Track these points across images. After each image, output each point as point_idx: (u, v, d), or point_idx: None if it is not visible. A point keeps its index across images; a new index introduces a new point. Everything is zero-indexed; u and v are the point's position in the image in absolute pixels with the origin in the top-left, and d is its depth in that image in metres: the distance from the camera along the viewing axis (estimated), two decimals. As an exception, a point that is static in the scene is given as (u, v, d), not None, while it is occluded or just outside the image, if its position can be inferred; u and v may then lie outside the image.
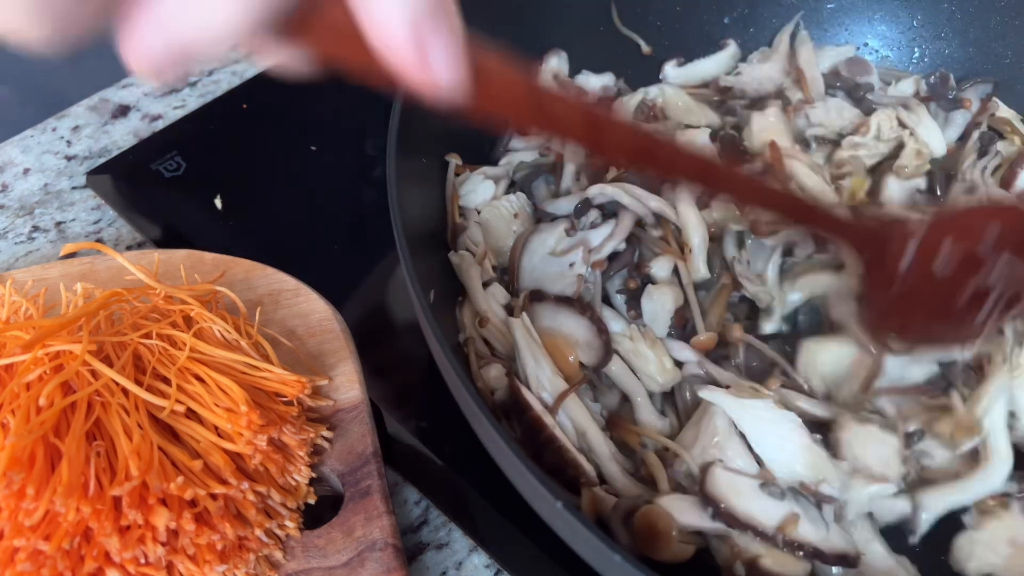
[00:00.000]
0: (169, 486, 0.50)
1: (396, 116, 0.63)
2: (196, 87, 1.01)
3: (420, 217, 0.69)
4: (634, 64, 0.92)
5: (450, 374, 0.52)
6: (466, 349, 0.67)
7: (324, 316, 0.68)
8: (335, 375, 0.65)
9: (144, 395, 0.54)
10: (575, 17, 0.87)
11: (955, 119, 0.86)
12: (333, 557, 0.56)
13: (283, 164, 0.91)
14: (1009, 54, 0.89)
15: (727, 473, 0.57)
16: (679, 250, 0.70)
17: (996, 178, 0.81)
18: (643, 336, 0.67)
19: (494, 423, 0.47)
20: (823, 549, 0.55)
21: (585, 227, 0.73)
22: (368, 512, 0.58)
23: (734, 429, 0.59)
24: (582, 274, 0.68)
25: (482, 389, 0.64)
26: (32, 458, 0.49)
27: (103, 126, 0.96)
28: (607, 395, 0.67)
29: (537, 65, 0.84)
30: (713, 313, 0.69)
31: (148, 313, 0.61)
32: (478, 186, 0.76)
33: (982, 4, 0.88)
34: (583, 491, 0.59)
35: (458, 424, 0.56)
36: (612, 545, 0.43)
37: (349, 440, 0.62)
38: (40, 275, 0.69)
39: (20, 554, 0.47)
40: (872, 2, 0.93)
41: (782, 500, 0.56)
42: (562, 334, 0.65)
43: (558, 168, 0.79)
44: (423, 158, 0.72)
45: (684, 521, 0.55)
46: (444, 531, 0.65)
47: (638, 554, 0.56)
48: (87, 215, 0.86)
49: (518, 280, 0.70)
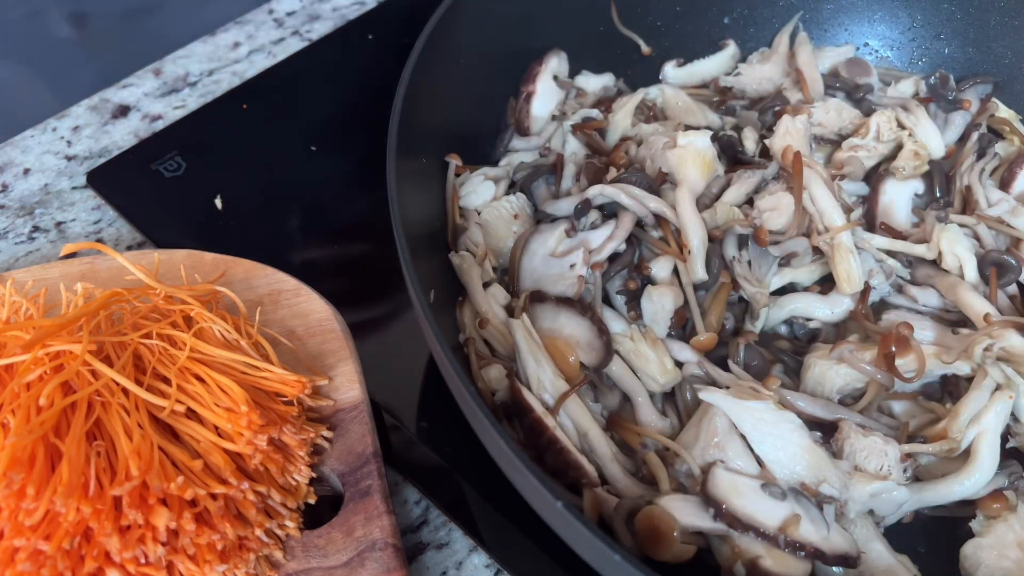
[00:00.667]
0: (169, 486, 0.50)
1: (396, 116, 0.63)
2: (196, 87, 1.01)
3: (420, 217, 0.69)
4: (634, 64, 0.92)
5: (450, 374, 0.52)
6: (466, 349, 0.67)
7: (324, 316, 0.68)
8: (335, 375, 0.65)
9: (144, 395, 0.54)
10: (575, 17, 0.87)
11: (954, 120, 0.86)
12: (333, 557, 0.56)
13: (283, 164, 0.91)
14: (1009, 54, 0.89)
15: (728, 474, 0.57)
16: (679, 250, 0.70)
17: (995, 179, 0.81)
18: (644, 337, 0.67)
19: (494, 423, 0.47)
20: (824, 550, 0.55)
21: (585, 228, 0.73)
22: (368, 512, 0.58)
23: (734, 429, 0.59)
24: (583, 275, 0.68)
25: (482, 390, 0.64)
26: (32, 458, 0.49)
27: (103, 126, 0.96)
28: (608, 395, 0.67)
29: (537, 65, 0.84)
30: (713, 313, 0.69)
31: (148, 313, 0.61)
32: (478, 187, 0.76)
33: (982, 4, 0.88)
34: (585, 492, 0.59)
35: (458, 424, 0.56)
36: (612, 545, 0.43)
37: (349, 440, 0.62)
38: (40, 275, 0.69)
39: (20, 554, 0.47)
40: (872, 2, 0.93)
41: (783, 501, 0.56)
42: (563, 335, 0.65)
43: (558, 169, 0.79)
44: (423, 158, 0.72)
45: (686, 522, 0.55)
46: (444, 531, 0.65)
47: (639, 554, 0.56)
48: (87, 215, 0.86)
49: (518, 281, 0.70)
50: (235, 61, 1.04)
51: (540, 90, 0.84)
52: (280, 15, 1.11)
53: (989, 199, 0.77)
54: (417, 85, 0.66)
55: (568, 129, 0.84)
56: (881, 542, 0.59)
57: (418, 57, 0.67)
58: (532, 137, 0.84)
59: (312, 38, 1.08)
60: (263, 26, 1.09)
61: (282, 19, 1.11)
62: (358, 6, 1.13)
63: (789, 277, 0.74)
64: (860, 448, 0.61)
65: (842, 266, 0.70)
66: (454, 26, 0.72)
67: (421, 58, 0.67)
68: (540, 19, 0.84)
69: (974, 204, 0.77)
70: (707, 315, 0.69)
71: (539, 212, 0.75)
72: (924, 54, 0.93)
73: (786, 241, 0.71)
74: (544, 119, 0.85)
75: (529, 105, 0.83)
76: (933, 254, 0.73)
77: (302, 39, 1.08)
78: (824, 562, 0.55)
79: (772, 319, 0.72)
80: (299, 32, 1.09)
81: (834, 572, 0.57)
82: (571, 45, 0.87)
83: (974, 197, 0.77)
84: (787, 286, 0.74)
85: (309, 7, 1.13)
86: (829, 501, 0.57)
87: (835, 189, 0.74)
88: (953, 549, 0.60)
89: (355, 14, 1.11)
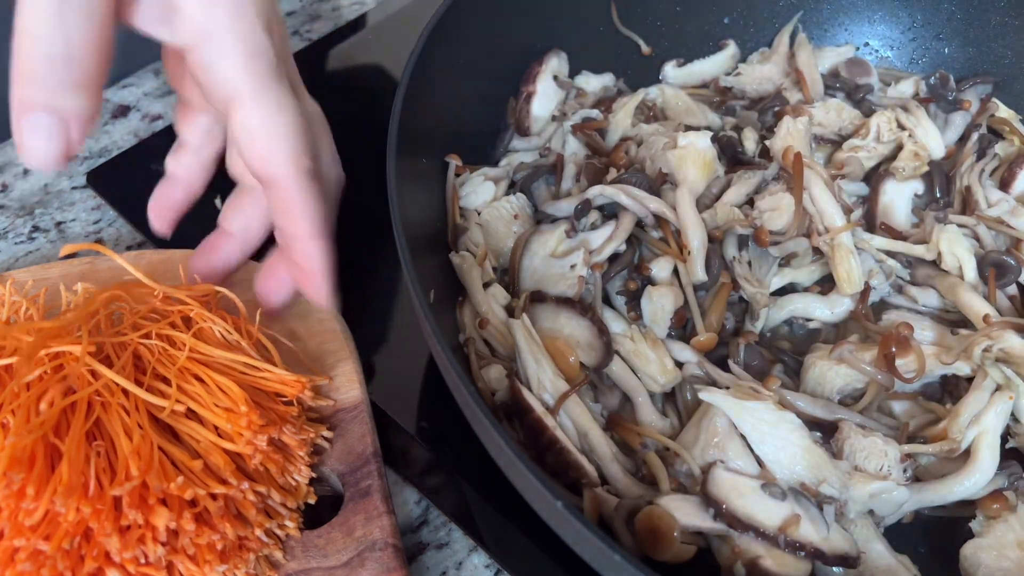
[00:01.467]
0: (169, 486, 0.50)
1: (396, 116, 0.63)
2: (196, 87, 1.01)
3: (420, 217, 0.69)
4: (634, 64, 0.92)
5: (450, 374, 0.52)
6: (466, 349, 0.67)
7: (324, 316, 0.68)
8: (335, 375, 0.65)
9: (144, 395, 0.54)
10: (575, 17, 0.87)
11: (954, 121, 0.86)
12: (333, 557, 0.56)
13: (283, 164, 0.90)
14: (1009, 54, 0.89)
15: (728, 474, 0.57)
16: (679, 251, 0.70)
17: (995, 179, 0.81)
18: (644, 337, 0.67)
19: (495, 423, 0.47)
20: (824, 550, 0.55)
21: (585, 228, 0.73)
22: (368, 512, 0.58)
23: (734, 429, 0.59)
24: (583, 275, 0.68)
25: (482, 390, 0.64)
26: (32, 458, 0.49)
27: (103, 126, 0.96)
28: (608, 396, 0.67)
29: (537, 65, 0.84)
30: (713, 313, 0.69)
31: (148, 313, 0.61)
32: (478, 187, 0.76)
33: (982, 4, 0.88)
34: (585, 492, 0.59)
35: (458, 424, 0.56)
36: (612, 545, 0.43)
37: (349, 440, 0.62)
38: (40, 275, 0.69)
39: (20, 554, 0.47)
40: (872, 2, 0.93)
41: (783, 501, 0.56)
42: (563, 335, 0.65)
43: (558, 169, 0.79)
44: (423, 158, 0.72)
45: (686, 522, 0.55)
46: (444, 531, 0.65)
47: (639, 554, 0.56)
48: (87, 215, 0.86)
49: (518, 281, 0.70)
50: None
51: (540, 90, 0.84)
52: (280, 15, 1.11)
53: (989, 199, 0.77)
54: (417, 85, 0.66)
55: (568, 129, 0.84)
56: (881, 542, 0.59)
57: (418, 57, 0.67)
58: (532, 137, 0.84)
59: (312, 38, 1.08)
60: (263, 26, 1.09)
61: (282, 19, 1.11)
62: (358, 6, 1.13)
63: (789, 277, 0.74)
64: (860, 448, 0.61)
65: (842, 266, 0.70)
66: (454, 26, 0.72)
67: (421, 58, 0.67)
68: (540, 19, 0.84)
69: (974, 204, 0.77)
70: (707, 315, 0.69)
71: (539, 212, 0.75)
72: (924, 54, 0.93)
73: (786, 241, 0.71)
74: (544, 119, 0.85)
75: (529, 105, 0.84)
76: (933, 254, 0.73)
77: (302, 39, 1.08)
78: (824, 562, 0.55)
79: (772, 319, 0.73)
80: (299, 32, 1.09)
81: (834, 572, 0.57)
82: (571, 45, 0.87)
83: (974, 197, 0.77)
84: (787, 286, 0.74)
85: (309, 7, 1.13)
86: (829, 501, 0.58)
87: (835, 189, 0.74)
88: (953, 549, 0.60)
89: (355, 14, 1.11)
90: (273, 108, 0.53)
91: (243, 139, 0.53)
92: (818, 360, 0.66)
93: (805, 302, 0.73)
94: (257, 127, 0.53)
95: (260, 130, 0.53)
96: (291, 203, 0.55)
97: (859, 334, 0.70)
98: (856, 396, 0.66)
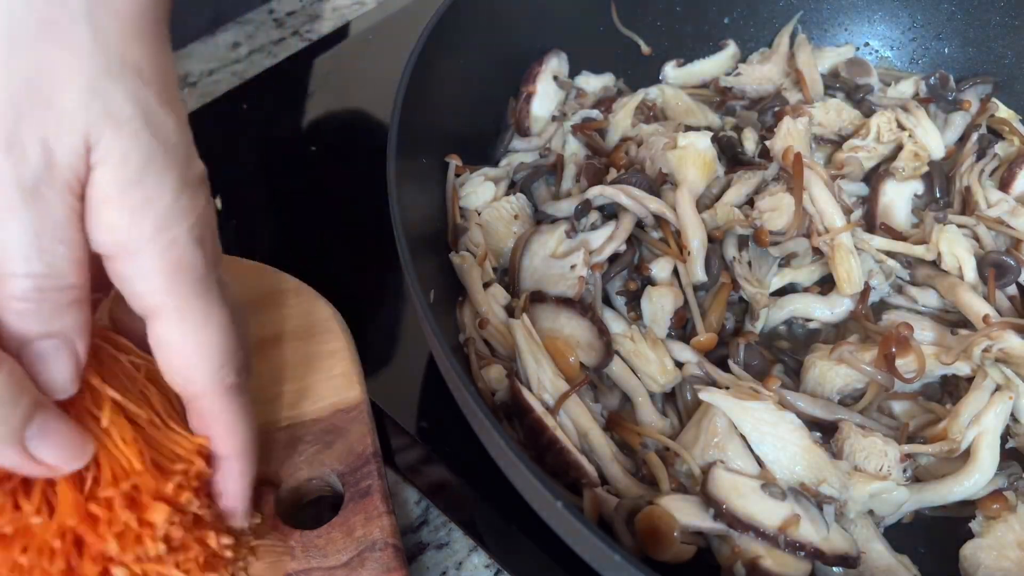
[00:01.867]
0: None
1: (396, 116, 0.63)
2: (196, 87, 1.01)
3: (421, 218, 0.69)
4: (634, 64, 0.92)
5: (450, 374, 0.52)
6: (466, 349, 0.67)
7: (324, 316, 0.68)
8: (335, 375, 0.65)
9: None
10: (575, 17, 0.87)
11: (954, 121, 0.86)
12: (333, 557, 0.56)
13: (283, 164, 0.91)
14: (1009, 54, 0.89)
15: (728, 474, 0.57)
16: (679, 251, 0.70)
17: (995, 179, 0.81)
18: (644, 337, 0.67)
19: (494, 423, 0.47)
20: (824, 550, 0.55)
21: (585, 229, 0.73)
22: (368, 512, 0.58)
23: (734, 429, 0.59)
24: (583, 276, 0.68)
25: (482, 389, 0.64)
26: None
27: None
28: (608, 396, 0.67)
29: (537, 65, 0.84)
30: (713, 313, 0.69)
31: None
32: (478, 187, 0.76)
33: (982, 4, 0.88)
34: (585, 492, 0.59)
35: (458, 424, 0.56)
36: (612, 545, 0.43)
37: (349, 440, 0.62)
38: None
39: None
40: (872, 2, 0.93)
41: (783, 501, 0.56)
42: (563, 335, 0.66)
43: (558, 169, 0.79)
44: (423, 158, 0.72)
45: (686, 522, 0.55)
46: (444, 531, 0.65)
47: (639, 554, 0.56)
48: None
49: (518, 281, 0.70)
50: (235, 61, 1.04)
51: (540, 90, 0.84)
52: (280, 15, 1.11)
53: (989, 200, 0.77)
54: (417, 85, 0.66)
55: (568, 129, 0.84)
56: (881, 542, 0.59)
57: (418, 57, 0.67)
58: (532, 138, 0.84)
59: (312, 38, 1.08)
60: (263, 26, 1.09)
61: (282, 19, 1.11)
62: (358, 6, 1.13)
63: (789, 277, 0.74)
64: (860, 448, 0.61)
65: (842, 267, 0.71)
66: (454, 26, 0.72)
67: (421, 58, 0.67)
68: (540, 19, 0.84)
69: (974, 205, 0.77)
70: (707, 315, 0.69)
71: (539, 213, 0.75)
72: (924, 54, 0.93)
73: (786, 242, 0.71)
74: (544, 119, 0.85)
75: (529, 105, 0.84)
76: (932, 255, 0.73)
77: (302, 39, 1.08)
78: (824, 562, 0.55)
79: (772, 319, 0.73)
80: (299, 32, 1.09)
81: (834, 572, 0.57)
82: (571, 45, 0.87)
83: (974, 198, 0.77)
84: (787, 286, 0.74)
85: (309, 7, 1.13)
86: (829, 501, 0.58)
87: (835, 190, 0.74)
88: (953, 549, 0.60)
89: (355, 14, 1.11)
90: (198, 323, 0.47)
91: (161, 354, 0.48)
92: (818, 360, 0.66)
93: (805, 302, 0.73)
94: (177, 343, 0.47)
95: (179, 347, 0.47)
96: (213, 422, 0.50)
97: (859, 334, 0.70)
98: (856, 396, 0.66)
